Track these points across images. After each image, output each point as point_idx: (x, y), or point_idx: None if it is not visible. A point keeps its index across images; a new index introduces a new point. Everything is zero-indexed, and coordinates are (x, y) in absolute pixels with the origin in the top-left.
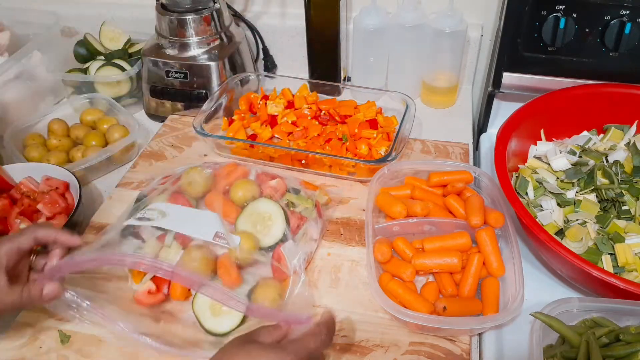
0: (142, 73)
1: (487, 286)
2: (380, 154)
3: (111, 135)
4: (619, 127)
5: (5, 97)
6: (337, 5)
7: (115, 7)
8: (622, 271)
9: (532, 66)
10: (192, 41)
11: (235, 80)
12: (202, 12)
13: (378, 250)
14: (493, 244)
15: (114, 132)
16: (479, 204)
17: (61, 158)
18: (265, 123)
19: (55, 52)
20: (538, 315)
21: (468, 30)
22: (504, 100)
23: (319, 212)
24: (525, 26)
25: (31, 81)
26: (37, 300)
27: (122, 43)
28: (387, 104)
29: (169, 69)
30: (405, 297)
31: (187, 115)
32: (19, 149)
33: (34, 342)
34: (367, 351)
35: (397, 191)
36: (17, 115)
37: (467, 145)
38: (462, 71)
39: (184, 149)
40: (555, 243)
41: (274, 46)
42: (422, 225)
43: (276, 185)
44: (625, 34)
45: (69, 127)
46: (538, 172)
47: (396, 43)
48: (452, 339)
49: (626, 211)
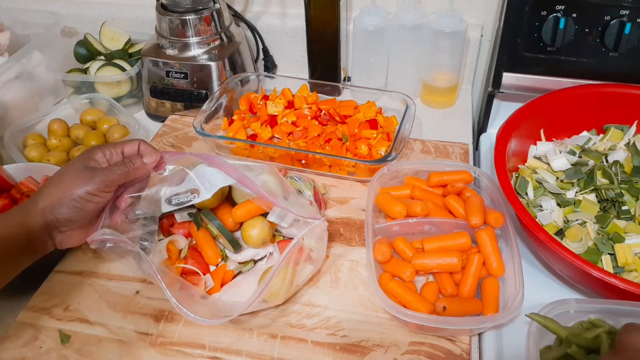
0: (142, 73)
1: (487, 286)
2: (380, 154)
3: (111, 135)
4: (619, 127)
5: (5, 97)
6: (337, 5)
7: (116, 7)
8: (622, 271)
9: (532, 66)
10: (192, 41)
11: (235, 80)
12: (202, 12)
13: (378, 250)
14: (493, 244)
15: (114, 132)
16: (479, 204)
17: (61, 158)
18: (265, 123)
19: (55, 52)
20: (534, 316)
21: (468, 30)
22: (504, 100)
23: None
24: (525, 26)
25: (31, 81)
26: (141, 167)
27: (122, 43)
28: (387, 104)
29: (169, 69)
30: (405, 297)
31: (187, 115)
32: (19, 149)
33: (34, 342)
34: (367, 351)
35: (397, 191)
36: (17, 115)
37: (467, 145)
38: (462, 71)
39: (184, 149)
40: (555, 243)
41: (274, 46)
42: (422, 225)
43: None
44: (625, 34)
45: (69, 127)
46: (538, 172)
47: (396, 43)
48: (452, 338)
49: (626, 211)
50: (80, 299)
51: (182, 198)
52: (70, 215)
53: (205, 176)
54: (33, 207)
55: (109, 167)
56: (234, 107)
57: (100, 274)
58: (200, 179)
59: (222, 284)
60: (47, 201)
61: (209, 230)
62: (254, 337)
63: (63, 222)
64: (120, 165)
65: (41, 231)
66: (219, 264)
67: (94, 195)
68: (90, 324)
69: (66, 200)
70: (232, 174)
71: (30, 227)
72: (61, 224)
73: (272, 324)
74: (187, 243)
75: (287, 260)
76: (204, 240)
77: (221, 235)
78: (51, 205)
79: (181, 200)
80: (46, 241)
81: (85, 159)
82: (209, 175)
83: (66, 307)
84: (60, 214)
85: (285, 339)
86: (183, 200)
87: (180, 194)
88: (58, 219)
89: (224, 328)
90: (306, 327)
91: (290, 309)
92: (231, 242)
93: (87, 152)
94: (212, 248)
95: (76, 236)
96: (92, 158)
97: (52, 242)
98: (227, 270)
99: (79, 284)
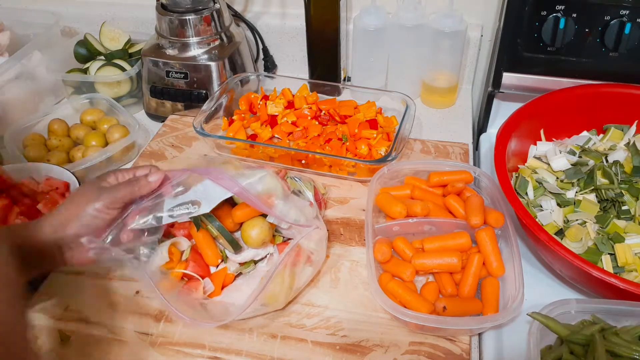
0: (142, 73)
1: (487, 286)
2: (380, 154)
3: (111, 135)
4: (619, 127)
5: (5, 97)
6: (337, 5)
7: (116, 7)
8: (622, 271)
9: (532, 66)
10: (192, 41)
11: (235, 80)
12: (202, 12)
13: (378, 250)
14: (493, 244)
15: (114, 132)
16: (479, 204)
17: (61, 158)
18: (265, 123)
19: (55, 52)
20: (535, 315)
21: (468, 30)
22: (504, 100)
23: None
24: (525, 26)
25: (31, 81)
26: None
27: (122, 43)
28: (387, 104)
29: (169, 69)
30: (405, 297)
31: (187, 115)
32: (19, 149)
33: (34, 342)
34: (367, 351)
35: (397, 191)
36: (17, 115)
37: (467, 145)
38: (462, 71)
39: (184, 149)
40: (555, 243)
41: (274, 46)
42: (422, 225)
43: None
44: (625, 34)
45: (69, 127)
46: (538, 172)
47: (396, 43)
48: (452, 338)
49: (626, 211)
50: (80, 299)
51: (183, 210)
52: (78, 230)
53: (208, 190)
54: (48, 222)
55: (115, 186)
56: (234, 107)
57: (100, 274)
58: (202, 193)
59: (222, 286)
60: (60, 217)
61: (209, 231)
62: (254, 337)
63: (72, 238)
64: (126, 184)
65: (52, 247)
66: (219, 264)
67: (100, 211)
68: (90, 324)
69: (75, 217)
70: (231, 188)
71: (41, 242)
72: (70, 239)
73: (272, 324)
74: (189, 245)
75: (284, 264)
76: (204, 241)
77: (221, 236)
78: (62, 221)
79: (182, 212)
80: (56, 257)
81: (98, 180)
82: (211, 189)
83: (66, 307)
84: (69, 229)
85: (285, 339)
86: (184, 212)
87: (182, 204)
88: (68, 235)
89: (224, 328)
90: (306, 327)
91: (290, 309)
92: (231, 242)
93: (101, 175)
94: (212, 249)
95: (85, 254)
96: (104, 179)
97: (61, 258)
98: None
99: (79, 284)
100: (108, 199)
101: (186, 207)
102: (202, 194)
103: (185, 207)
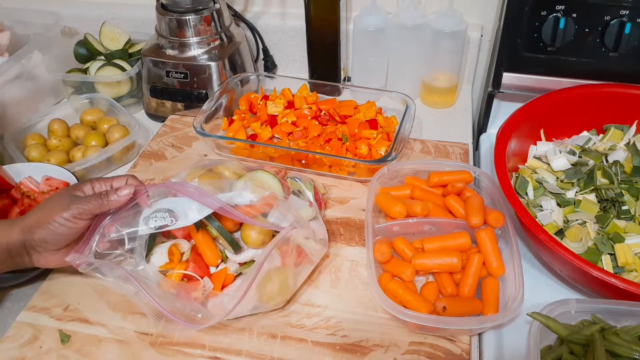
0: (142, 73)
1: (487, 286)
2: (380, 154)
3: (111, 135)
4: (619, 127)
5: (5, 97)
6: (337, 5)
7: (115, 7)
8: (622, 271)
9: (532, 66)
10: (192, 41)
11: (235, 80)
12: (202, 12)
13: (378, 250)
14: (493, 244)
15: (114, 132)
16: (479, 204)
17: (61, 158)
18: (265, 123)
19: (55, 52)
20: (535, 315)
21: (468, 30)
22: (504, 100)
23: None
24: (525, 26)
25: (31, 81)
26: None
27: (122, 43)
28: (387, 104)
29: (169, 69)
30: (405, 297)
31: (187, 115)
32: (19, 149)
33: (34, 342)
34: (367, 351)
35: (397, 191)
36: (17, 115)
37: (467, 145)
38: (462, 71)
39: (184, 149)
40: (555, 243)
41: (274, 46)
42: (422, 225)
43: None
44: (625, 34)
45: (69, 127)
46: (538, 172)
47: (396, 43)
48: (452, 338)
49: (626, 211)
50: (80, 299)
51: (159, 220)
52: (45, 236)
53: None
54: (19, 223)
55: (86, 197)
56: (234, 107)
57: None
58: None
59: (222, 286)
60: (30, 220)
61: (209, 232)
62: (254, 337)
63: (38, 242)
64: (96, 197)
65: (20, 247)
66: (219, 265)
67: (67, 220)
68: (90, 324)
69: (44, 223)
70: (211, 205)
71: (10, 242)
72: (37, 243)
73: (272, 324)
74: (189, 247)
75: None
76: (204, 242)
77: (221, 236)
78: (31, 225)
79: (159, 223)
80: (24, 257)
81: (73, 188)
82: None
83: (66, 307)
84: (36, 234)
85: (285, 339)
86: (161, 224)
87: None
88: (34, 239)
89: (224, 328)
90: (306, 327)
91: (290, 309)
92: (231, 243)
93: (78, 183)
94: (212, 249)
95: (52, 258)
96: (79, 188)
97: (29, 259)
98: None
99: (79, 284)
100: (77, 209)
101: (162, 218)
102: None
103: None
